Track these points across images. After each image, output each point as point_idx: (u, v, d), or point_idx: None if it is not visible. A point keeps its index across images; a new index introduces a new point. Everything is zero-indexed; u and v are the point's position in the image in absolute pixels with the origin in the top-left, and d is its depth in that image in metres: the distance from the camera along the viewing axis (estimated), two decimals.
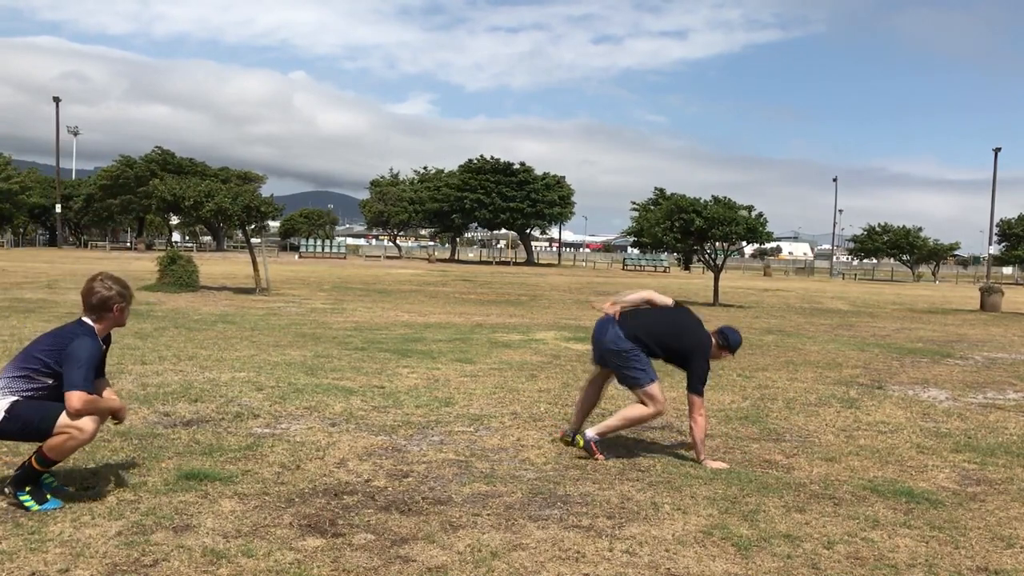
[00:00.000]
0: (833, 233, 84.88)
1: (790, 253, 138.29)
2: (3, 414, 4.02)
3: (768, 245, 36.42)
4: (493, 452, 5.47)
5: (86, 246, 68.12)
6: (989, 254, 61.71)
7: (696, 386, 5.32)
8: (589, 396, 5.80)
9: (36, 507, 4.00)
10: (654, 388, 5.34)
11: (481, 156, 67.73)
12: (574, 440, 5.51)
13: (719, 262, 24.15)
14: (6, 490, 4.13)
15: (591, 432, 5.40)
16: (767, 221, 22.99)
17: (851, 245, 76.05)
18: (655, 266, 64.78)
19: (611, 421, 5.48)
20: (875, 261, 77.81)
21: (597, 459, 5.29)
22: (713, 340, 5.47)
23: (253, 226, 35.40)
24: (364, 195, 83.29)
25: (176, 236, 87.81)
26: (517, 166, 66.61)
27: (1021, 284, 59.93)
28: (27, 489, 4.05)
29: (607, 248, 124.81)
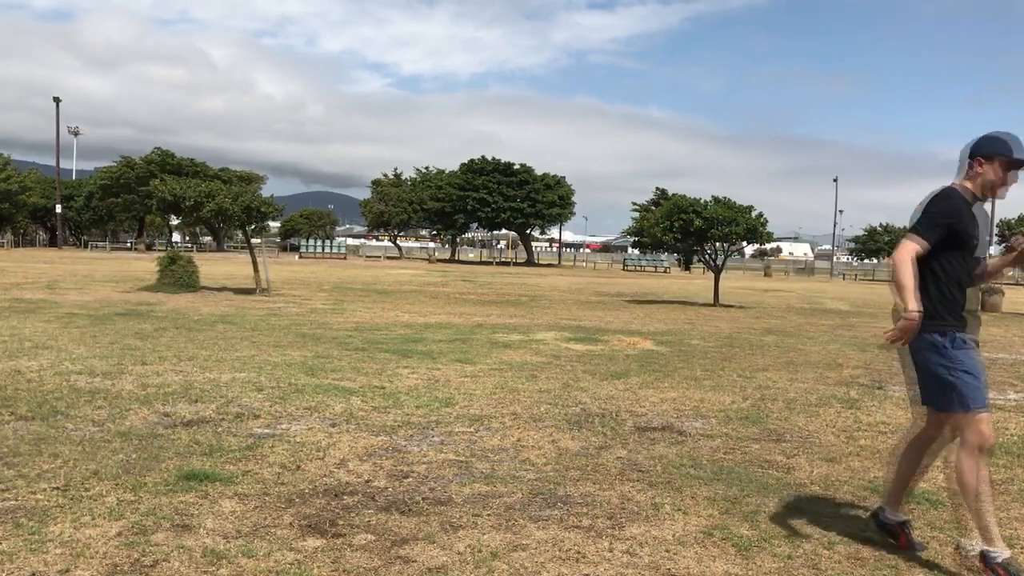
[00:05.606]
0: (833, 233, 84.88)
1: (790, 253, 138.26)
2: None
3: (768, 245, 36.41)
4: (493, 452, 5.47)
5: (86, 246, 68.14)
6: (989, 254, 61.69)
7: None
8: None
9: None
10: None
11: (482, 156, 67.96)
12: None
13: (719, 262, 24.14)
14: None
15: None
16: (767, 221, 23.00)
17: (852, 245, 76.04)
18: (655, 266, 64.78)
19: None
20: (876, 261, 77.82)
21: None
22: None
23: (253, 227, 35.41)
24: (364, 195, 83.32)
25: (176, 236, 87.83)
26: (517, 166, 66.75)
27: (1021, 284, 59.94)
28: None
29: (606, 248, 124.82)
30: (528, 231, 70.85)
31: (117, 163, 68.62)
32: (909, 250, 3.63)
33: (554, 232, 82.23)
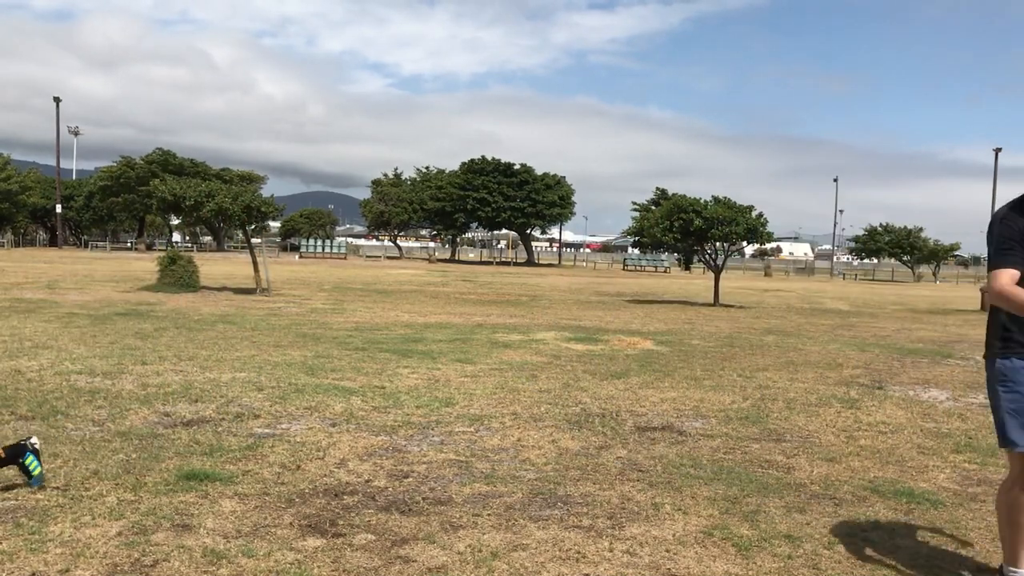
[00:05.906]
0: (834, 233, 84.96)
1: (791, 253, 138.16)
2: None
3: (768, 245, 36.38)
4: (493, 452, 5.47)
5: (86, 246, 68.16)
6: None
7: None
8: None
9: None
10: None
11: (483, 156, 68.04)
12: None
13: (719, 262, 24.14)
14: None
15: None
16: (767, 221, 23.01)
17: (852, 245, 76.10)
18: (655, 266, 64.78)
19: None
20: (876, 261, 77.84)
21: None
22: None
23: (253, 226, 35.43)
24: (364, 195, 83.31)
25: (176, 236, 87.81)
26: (517, 166, 66.80)
27: None
28: None
29: (606, 248, 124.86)
30: (528, 231, 70.89)
31: (117, 163, 68.60)
32: (1003, 280, 3.38)
33: (554, 232, 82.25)
